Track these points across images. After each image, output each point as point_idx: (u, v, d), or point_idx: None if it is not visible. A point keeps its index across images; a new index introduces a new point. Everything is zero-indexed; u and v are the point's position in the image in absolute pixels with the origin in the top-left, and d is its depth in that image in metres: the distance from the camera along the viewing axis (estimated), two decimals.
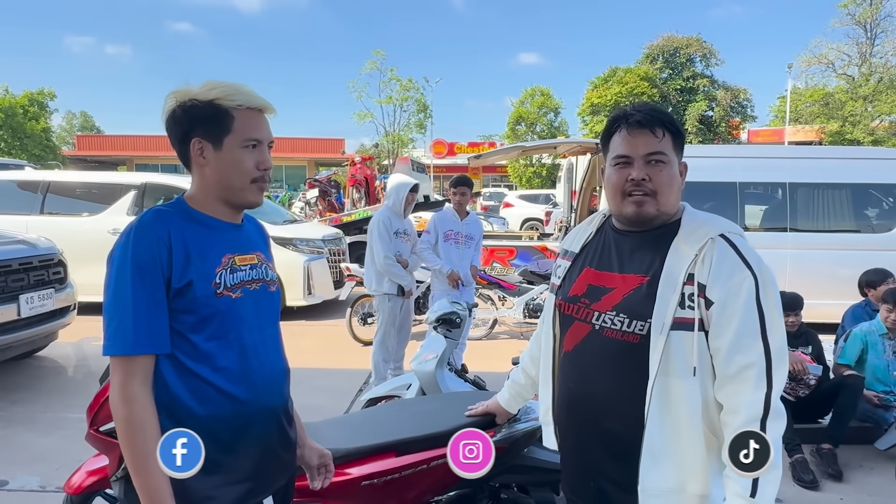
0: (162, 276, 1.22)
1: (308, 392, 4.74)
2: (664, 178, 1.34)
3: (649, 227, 1.38)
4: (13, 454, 3.58)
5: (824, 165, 6.79)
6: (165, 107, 1.32)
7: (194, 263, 1.26)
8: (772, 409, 1.22)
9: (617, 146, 1.38)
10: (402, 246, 4.57)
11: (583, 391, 1.40)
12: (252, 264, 1.38)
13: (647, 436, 1.29)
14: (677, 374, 1.27)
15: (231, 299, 1.30)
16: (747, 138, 33.94)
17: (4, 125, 29.52)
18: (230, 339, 1.30)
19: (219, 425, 1.28)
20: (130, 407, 1.20)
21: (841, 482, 3.42)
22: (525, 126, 35.64)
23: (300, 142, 35.03)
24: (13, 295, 4.47)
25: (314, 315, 7.56)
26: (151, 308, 1.21)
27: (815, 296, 5.99)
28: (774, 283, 1.29)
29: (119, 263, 1.22)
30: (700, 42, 34.80)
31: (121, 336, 1.20)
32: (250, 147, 1.32)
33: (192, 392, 1.26)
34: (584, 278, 1.44)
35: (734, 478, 1.21)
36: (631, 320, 1.31)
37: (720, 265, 1.27)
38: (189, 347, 1.26)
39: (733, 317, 1.24)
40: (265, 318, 1.40)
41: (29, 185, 7.67)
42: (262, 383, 1.36)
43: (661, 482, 1.29)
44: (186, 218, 1.31)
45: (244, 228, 1.43)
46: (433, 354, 3.11)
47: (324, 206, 14.67)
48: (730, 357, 1.25)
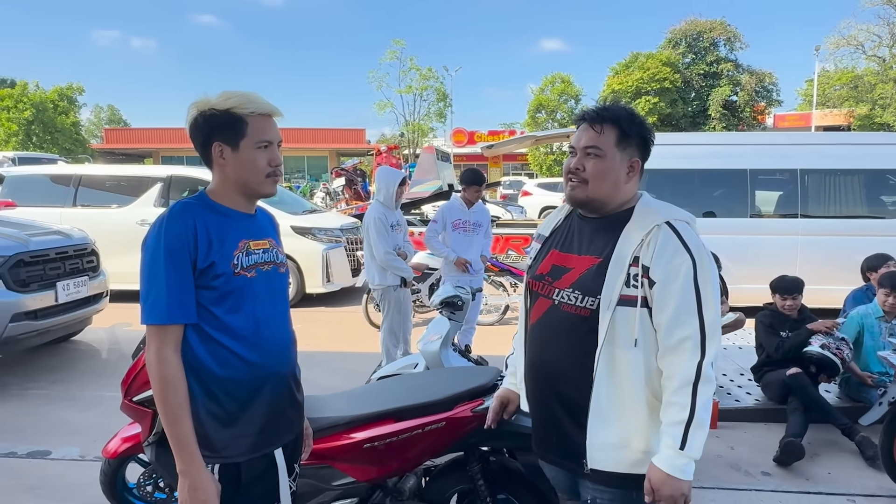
0: (189, 258, 1.44)
1: (326, 373, 4.99)
2: (595, 169, 1.51)
3: (601, 212, 1.57)
4: (55, 428, 3.89)
5: (835, 152, 6.78)
6: (188, 116, 1.53)
7: (216, 247, 1.47)
8: (703, 375, 1.40)
9: (572, 139, 1.58)
10: (398, 238, 4.64)
11: (543, 359, 1.59)
12: (265, 248, 1.59)
13: (594, 397, 1.48)
14: (621, 344, 1.45)
15: (247, 278, 1.52)
16: (773, 123, 33.27)
17: (36, 120, 30.36)
18: (246, 312, 1.51)
19: (235, 385, 1.50)
20: (164, 368, 1.42)
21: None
22: (545, 114, 35.42)
23: (321, 132, 35.37)
24: (51, 282, 4.78)
25: (332, 302, 7.83)
26: (181, 285, 1.43)
27: (827, 282, 6.07)
28: (712, 265, 1.47)
29: (153, 248, 1.43)
30: (724, 25, 34.12)
31: (156, 308, 1.42)
32: (263, 147, 1.52)
33: (213, 356, 1.48)
34: (550, 259, 1.63)
35: (668, 433, 1.41)
36: (584, 296, 1.49)
37: (662, 249, 1.44)
38: (212, 318, 1.47)
39: (673, 295, 1.41)
40: (276, 294, 1.61)
41: (62, 179, 8.05)
42: (273, 350, 1.58)
43: (607, 438, 1.48)
44: (209, 209, 1.52)
45: (257, 218, 1.64)
46: (438, 335, 3.32)
47: (350, 195, 14.85)
48: (669, 331, 1.42)
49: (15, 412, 4.16)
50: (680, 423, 1.39)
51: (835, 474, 3.39)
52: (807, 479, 3.33)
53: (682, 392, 1.40)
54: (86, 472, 3.26)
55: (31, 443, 3.66)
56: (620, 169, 1.53)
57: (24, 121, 30.03)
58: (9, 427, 3.91)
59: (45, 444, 3.65)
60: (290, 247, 7.50)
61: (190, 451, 1.42)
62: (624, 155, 1.54)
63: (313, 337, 6.19)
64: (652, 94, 32.03)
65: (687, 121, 33.51)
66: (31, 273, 4.66)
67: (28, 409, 4.22)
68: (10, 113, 30.09)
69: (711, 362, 1.41)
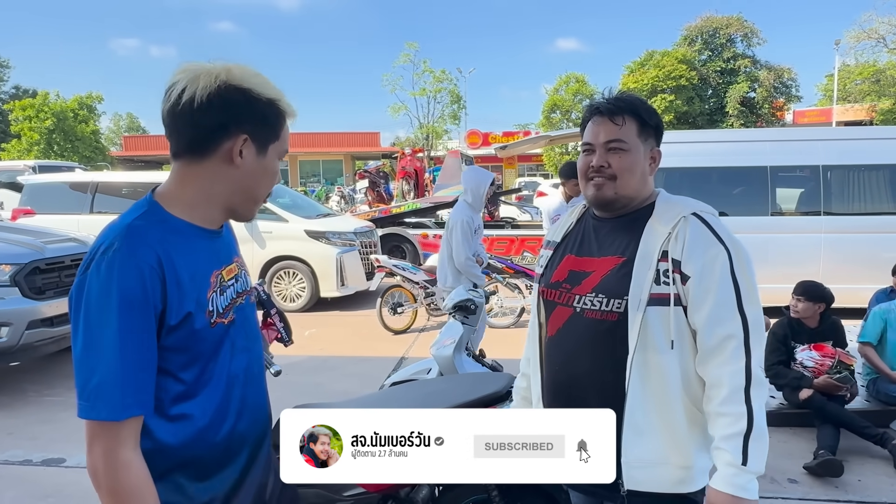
0: (154, 313, 1.02)
1: (340, 378, 4.96)
2: (623, 163, 1.40)
3: (621, 211, 1.45)
4: (70, 435, 3.88)
5: (858, 147, 6.61)
6: (209, 73, 1.07)
7: (187, 290, 1.07)
8: (753, 378, 1.27)
9: (585, 134, 1.47)
10: (478, 245, 4.44)
11: (568, 372, 1.44)
12: (236, 275, 1.23)
13: (627, 409, 1.33)
14: (656, 348, 1.32)
15: (224, 326, 1.15)
16: (792, 119, 32.75)
17: (57, 129, 30.87)
18: (219, 373, 1.15)
19: (201, 467, 1.14)
20: (123, 476, 1.01)
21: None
22: (560, 114, 35.23)
23: (336, 136, 35.57)
24: (66, 289, 4.78)
25: (346, 306, 7.81)
26: (142, 356, 1.02)
27: (852, 280, 5.90)
28: (748, 256, 1.35)
29: (99, 301, 0.99)
30: (741, 21, 33.67)
31: (106, 395, 0.99)
32: (281, 159, 1.22)
33: (176, 433, 1.10)
34: (566, 265, 1.50)
35: (724, 448, 1.26)
36: (609, 299, 1.36)
37: (694, 241, 1.32)
38: (178, 387, 1.09)
39: (710, 290, 1.29)
40: (251, 335, 1.27)
41: (79, 186, 8.14)
42: (245, 410, 1.23)
43: (644, 454, 1.34)
44: (166, 229, 1.09)
45: (222, 233, 1.23)
46: (451, 340, 3.25)
47: (373, 197, 14.81)
48: (710, 329, 1.30)
49: (32, 419, 4.17)
50: (737, 435, 1.25)
51: (865, 481, 3.27)
52: (836, 487, 3.21)
53: (734, 400, 1.26)
54: None
55: (47, 450, 3.67)
56: (644, 161, 1.44)
57: (45, 130, 30.54)
58: (26, 434, 3.92)
59: (60, 451, 3.65)
60: (305, 251, 7.54)
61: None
62: (646, 146, 1.44)
63: (327, 341, 6.17)
64: (668, 91, 31.71)
65: (704, 118, 33.12)
66: (47, 280, 4.69)
67: (45, 415, 4.24)
68: (32, 122, 30.62)
69: (760, 363, 1.29)
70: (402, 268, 6.80)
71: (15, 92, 42.35)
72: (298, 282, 7.60)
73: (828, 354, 3.69)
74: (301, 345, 4.28)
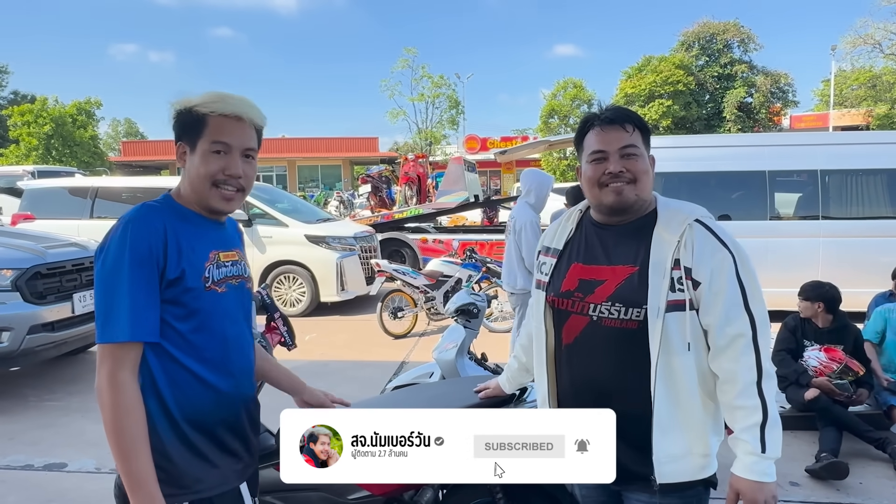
0: (157, 268, 1.29)
1: (341, 382, 4.96)
2: (640, 167, 1.46)
3: (628, 218, 1.50)
4: (71, 440, 3.89)
5: (856, 151, 6.64)
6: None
7: (185, 255, 1.33)
8: (764, 372, 1.37)
9: (592, 143, 1.50)
10: None
11: (589, 377, 1.50)
12: (233, 261, 1.46)
13: (655, 410, 1.41)
14: (675, 351, 1.40)
15: (217, 293, 1.38)
16: (789, 124, 32.85)
17: (55, 134, 30.86)
18: (215, 332, 1.38)
19: (202, 413, 1.35)
20: (119, 393, 1.25)
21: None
22: (558, 119, 35.31)
23: (335, 141, 35.58)
24: (67, 294, 4.80)
25: (347, 310, 7.81)
26: (147, 298, 1.27)
27: (850, 284, 5.90)
28: (749, 258, 1.43)
29: (116, 255, 1.27)
30: (737, 27, 33.85)
31: (117, 324, 1.25)
32: (218, 152, 1.36)
33: (175, 381, 1.32)
34: (574, 273, 1.53)
35: (744, 439, 1.37)
36: (627, 308, 1.42)
37: (702, 248, 1.40)
38: (176, 337, 1.32)
39: (719, 293, 1.38)
40: (244, 312, 1.48)
41: (79, 192, 8.16)
42: (241, 373, 1.45)
43: (671, 449, 1.42)
44: (176, 214, 1.37)
45: (226, 227, 1.51)
46: (453, 344, 3.26)
47: (375, 202, 14.80)
48: (720, 329, 1.39)
49: (33, 424, 4.17)
50: (755, 426, 1.36)
51: (867, 484, 3.27)
52: (837, 490, 3.21)
53: (748, 394, 1.37)
54: (101, 484, 3.24)
55: (48, 455, 3.67)
56: (651, 168, 1.51)
57: (43, 135, 30.54)
58: (27, 439, 3.92)
59: (61, 455, 3.65)
60: (305, 255, 7.54)
61: (148, 491, 1.26)
62: (649, 154, 1.51)
63: (328, 346, 6.18)
64: (665, 97, 31.83)
65: (701, 123, 33.22)
66: (48, 285, 4.68)
67: (45, 420, 4.24)
68: (31, 128, 30.61)
69: (768, 357, 1.39)
70: (403, 272, 6.81)
71: (13, 97, 42.36)
72: (298, 286, 7.61)
73: (835, 359, 3.70)
74: (301, 349, 4.28)
